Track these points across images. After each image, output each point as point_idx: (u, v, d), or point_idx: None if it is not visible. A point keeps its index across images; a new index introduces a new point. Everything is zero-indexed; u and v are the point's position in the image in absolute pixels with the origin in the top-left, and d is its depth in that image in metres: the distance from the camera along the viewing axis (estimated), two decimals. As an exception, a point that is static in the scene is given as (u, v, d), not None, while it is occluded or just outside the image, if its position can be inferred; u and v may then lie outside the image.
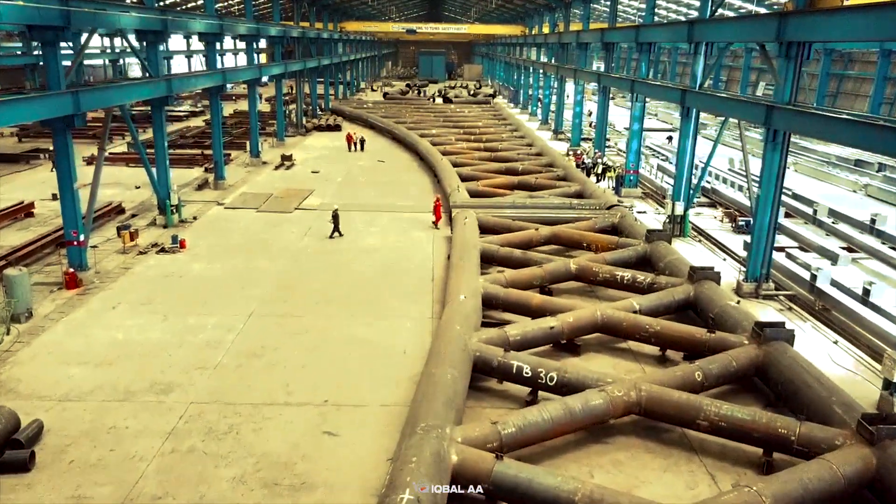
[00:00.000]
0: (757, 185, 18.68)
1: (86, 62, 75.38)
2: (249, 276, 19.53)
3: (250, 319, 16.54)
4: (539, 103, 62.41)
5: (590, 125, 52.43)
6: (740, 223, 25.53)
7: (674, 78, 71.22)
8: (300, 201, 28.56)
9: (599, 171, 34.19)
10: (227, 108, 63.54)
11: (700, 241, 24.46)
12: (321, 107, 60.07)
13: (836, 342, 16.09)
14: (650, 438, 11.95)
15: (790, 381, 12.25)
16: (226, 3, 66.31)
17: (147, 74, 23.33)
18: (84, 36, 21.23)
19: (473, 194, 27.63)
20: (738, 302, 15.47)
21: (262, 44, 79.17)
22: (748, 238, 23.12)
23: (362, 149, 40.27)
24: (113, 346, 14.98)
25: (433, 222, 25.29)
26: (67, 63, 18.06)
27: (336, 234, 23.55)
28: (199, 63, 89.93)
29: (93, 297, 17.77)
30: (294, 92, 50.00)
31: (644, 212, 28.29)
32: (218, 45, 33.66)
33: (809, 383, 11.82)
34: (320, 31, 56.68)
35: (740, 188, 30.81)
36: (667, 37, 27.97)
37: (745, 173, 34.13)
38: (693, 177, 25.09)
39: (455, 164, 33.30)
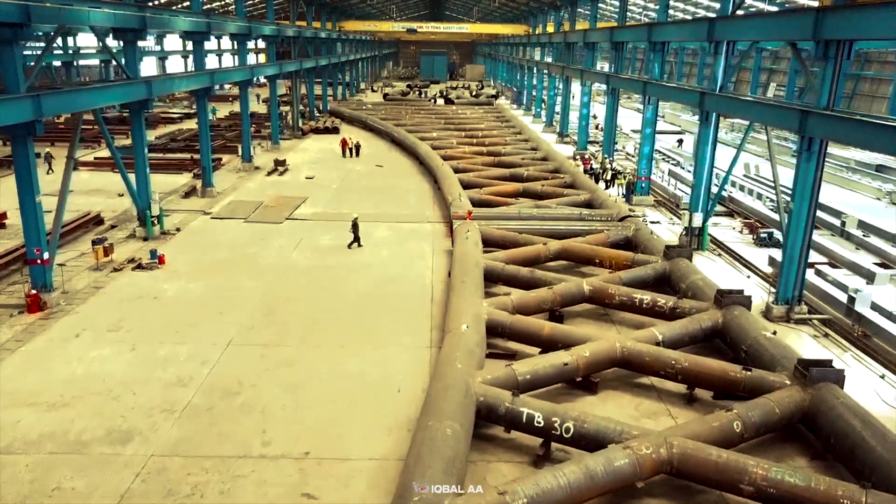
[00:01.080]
0: (789, 197, 16.94)
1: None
2: (231, 297, 17.84)
3: (228, 349, 14.85)
4: (543, 105, 60.73)
5: (596, 127, 50.77)
6: (762, 235, 23.81)
7: (680, 79, 69.51)
8: (292, 210, 26.87)
9: (609, 177, 32.47)
10: (223, 109, 61.98)
11: (720, 255, 22.73)
12: (319, 108, 58.41)
13: (882, 376, 14.37)
14: (682, 500, 10.25)
15: (844, 434, 10.52)
16: (221, 2, 64.64)
17: (125, 76, 21.63)
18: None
19: (476, 203, 25.92)
20: (775, 332, 13.75)
21: (262, 44, 77.77)
22: (773, 252, 21.51)
23: (357, 154, 38.62)
24: (71, 383, 13.30)
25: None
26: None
27: (356, 244, 22.19)
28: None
29: (56, 322, 16.08)
30: (299, 91, 48.31)
31: (657, 222, 26.57)
32: (207, 45, 31.94)
33: (870, 442, 10.08)
34: (318, 31, 55.02)
35: (759, 196, 29.09)
36: (683, 35, 26.25)
37: (762, 179, 32.73)
38: (712, 185, 23.33)
39: (456, 170, 31.63)
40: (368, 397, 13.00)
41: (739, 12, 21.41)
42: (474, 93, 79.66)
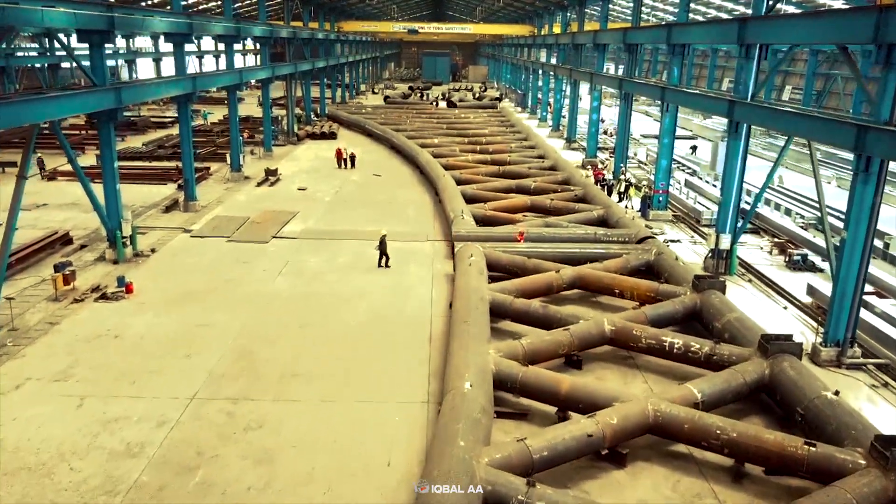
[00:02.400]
0: (842, 225, 14.75)
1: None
2: (202, 335, 15.68)
3: (191, 405, 12.70)
4: (549, 108, 58.55)
5: (604, 132, 48.55)
6: (795, 258, 21.60)
7: (690, 82, 67.30)
8: (279, 227, 24.71)
9: (622, 188, 30.26)
10: (217, 113, 59.84)
11: (750, 280, 20.53)
12: (316, 112, 56.24)
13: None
14: None
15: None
16: (217, 2, 62.56)
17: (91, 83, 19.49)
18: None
19: (480, 220, 23.80)
20: (837, 393, 11.55)
21: (253, 45, 75.69)
22: (812, 279, 19.32)
23: (353, 165, 36.24)
24: (-2, 452, 11.16)
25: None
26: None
27: (384, 260, 20.61)
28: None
29: (-4, 369, 13.97)
30: (295, 94, 46.11)
31: (678, 241, 24.36)
32: (192, 46, 29.72)
33: None
34: (314, 31, 52.88)
35: (788, 212, 26.87)
36: (710, 37, 23.99)
37: (787, 191, 30.42)
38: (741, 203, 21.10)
39: (459, 181, 29.51)
40: (352, 473, 10.83)
41: (787, 9, 19.21)
42: (477, 95, 77.50)
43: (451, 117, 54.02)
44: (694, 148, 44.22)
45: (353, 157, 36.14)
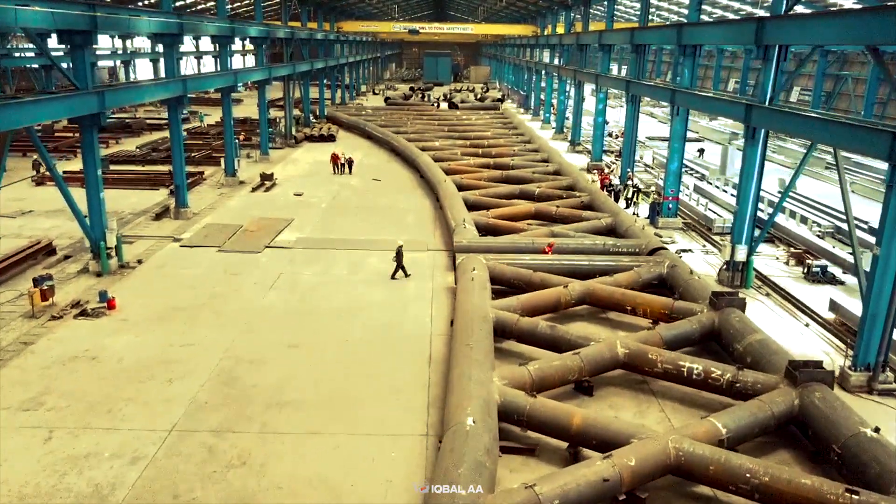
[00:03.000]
0: (874, 238, 13.67)
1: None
2: (186, 357, 14.64)
3: (170, 438, 11.67)
4: (552, 110, 57.52)
5: (609, 135, 47.47)
6: (814, 269, 20.53)
7: (695, 82, 66.24)
8: (273, 236, 23.68)
9: (630, 194, 29.20)
10: (215, 114, 58.76)
11: (768, 294, 19.47)
12: (315, 114, 55.20)
13: None
14: None
15: None
16: (212, 2, 61.56)
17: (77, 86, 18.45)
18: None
19: (483, 228, 22.78)
20: (877, 429, 10.48)
21: (252, 45, 74.66)
22: (834, 293, 18.27)
23: (350, 171, 34.98)
24: (-48, 496, 10.14)
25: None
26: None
27: (400, 272, 19.73)
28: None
29: (-39, 396, 12.95)
30: (293, 96, 45.11)
31: (689, 250, 23.30)
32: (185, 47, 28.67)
33: None
34: (313, 32, 51.85)
35: (804, 220, 25.79)
36: (725, 38, 22.87)
37: (801, 197, 29.24)
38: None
39: (460, 187, 28.47)
40: (342, 520, 9.80)
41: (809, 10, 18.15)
42: (479, 96, 76.36)
43: (453, 119, 52.99)
44: (701, 151, 43.13)
45: (350, 162, 34.92)
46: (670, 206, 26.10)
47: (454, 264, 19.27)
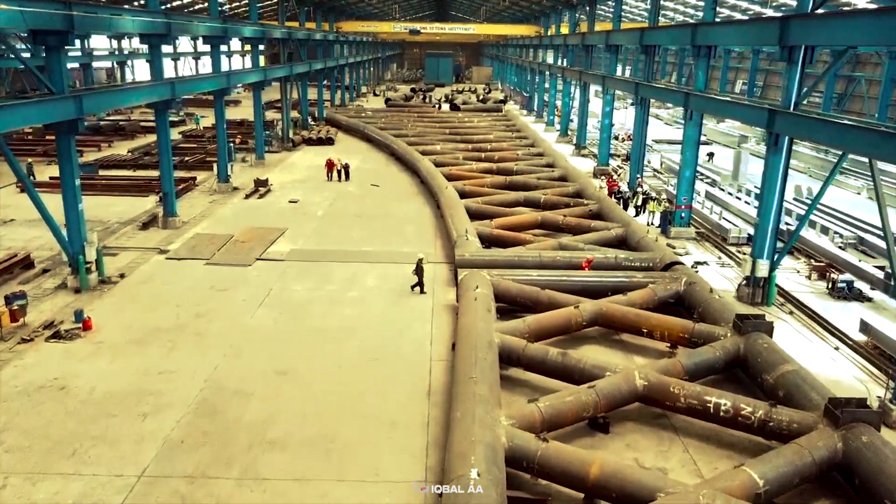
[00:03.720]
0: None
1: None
2: (164, 387, 13.41)
3: (138, 487, 10.44)
4: (557, 112, 56.27)
5: (615, 138, 46.18)
6: (839, 285, 19.26)
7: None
8: (265, 247, 22.47)
9: (639, 201, 27.96)
10: (212, 117, 57.46)
11: (791, 312, 18.22)
12: (314, 116, 53.97)
13: None
14: None
15: None
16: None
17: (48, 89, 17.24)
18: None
19: (486, 239, 21.58)
20: (937, 483, 9.25)
21: (251, 46, 73.29)
22: (865, 314, 17.01)
23: (347, 177, 33.19)
24: None
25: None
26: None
27: (418, 288, 18.74)
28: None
29: (-89, 434, 11.73)
30: (290, 97, 43.88)
31: (704, 263, 22.05)
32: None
33: None
34: (311, 32, 50.61)
35: (825, 230, 24.51)
36: (743, 38, 21.58)
37: (821, 206, 27.61)
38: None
39: (462, 193, 27.27)
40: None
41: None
42: (481, 97, 75.14)
43: (455, 121, 51.78)
44: (711, 155, 41.82)
45: (346, 168, 33.40)
46: (683, 215, 24.84)
47: (456, 279, 18.04)
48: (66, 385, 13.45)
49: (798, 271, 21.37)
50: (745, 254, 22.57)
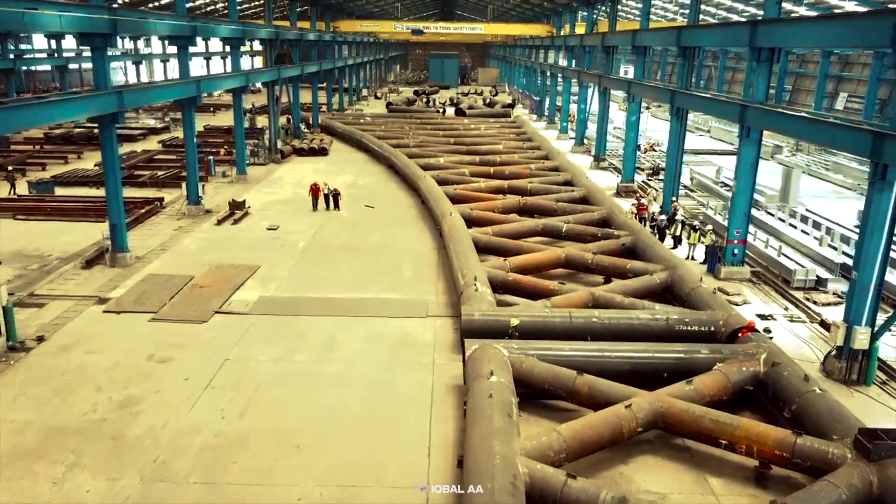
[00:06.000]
0: None
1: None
2: (41, 541, 9.31)
3: None
4: (570, 118, 52.07)
5: (639, 149, 41.71)
6: (954, 354, 15.03)
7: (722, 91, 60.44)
8: (229, 294, 18.35)
9: (678, 231, 23.73)
10: (204, 120, 53.42)
11: (899, 395, 14.01)
12: (308, 122, 49.84)
13: None
14: None
15: None
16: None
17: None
18: None
19: (500, 286, 17.53)
20: None
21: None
22: None
23: (336, 206, 27.63)
24: None
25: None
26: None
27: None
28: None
29: None
30: (279, 104, 39.76)
31: (769, 317, 17.80)
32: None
33: None
34: (304, 31, 46.47)
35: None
36: (825, 38, 16.99)
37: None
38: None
39: (469, 220, 23.22)
40: None
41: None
42: (488, 100, 71.02)
43: (460, 128, 47.56)
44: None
45: (336, 196, 27.81)
46: (736, 251, 20.61)
47: (463, 349, 13.88)
48: None
49: (894, 332, 17.07)
50: (815, 302, 18.43)
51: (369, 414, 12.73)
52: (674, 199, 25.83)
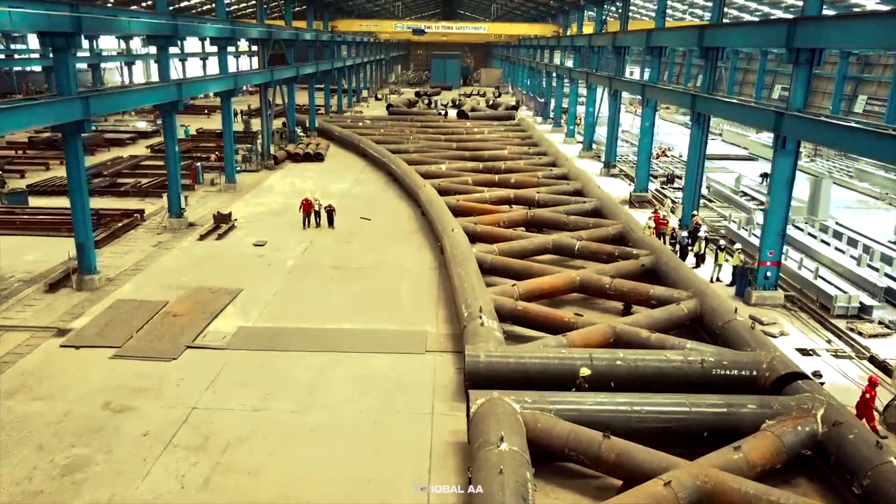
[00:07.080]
0: None
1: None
2: None
3: None
4: (577, 122, 50.08)
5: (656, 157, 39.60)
6: None
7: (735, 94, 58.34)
8: (204, 324, 16.39)
9: (701, 249, 21.73)
10: (198, 123, 51.51)
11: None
12: (305, 126, 47.85)
13: None
14: None
15: None
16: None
17: None
18: None
19: (509, 316, 15.75)
20: None
21: (244, 46, 67.57)
22: None
23: (331, 224, 25.10)
24: None
25: None
26: None
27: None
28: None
29: None
30: (272, 107, 37.81)
31: (811, 351, 15.81)
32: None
33: None
34: (300, 31, 44.47)
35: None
36: (875, 38, 14.82)
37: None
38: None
39: (474, 236, 21.41)
40: None
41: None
42: (491, 102, 68.94)
43: (463, 132, 45.56)
44: (765, 176, 35.41)
45: (330, 212, 25.23)
46: (769, 273, 18.61)
47: (467, 399, 11.89)
48: None
49: (947, 367, 15.08)
50: (861, 333, 16.47)
51: (356, 482, 10.75)
52: (694, 212, 23.83)
